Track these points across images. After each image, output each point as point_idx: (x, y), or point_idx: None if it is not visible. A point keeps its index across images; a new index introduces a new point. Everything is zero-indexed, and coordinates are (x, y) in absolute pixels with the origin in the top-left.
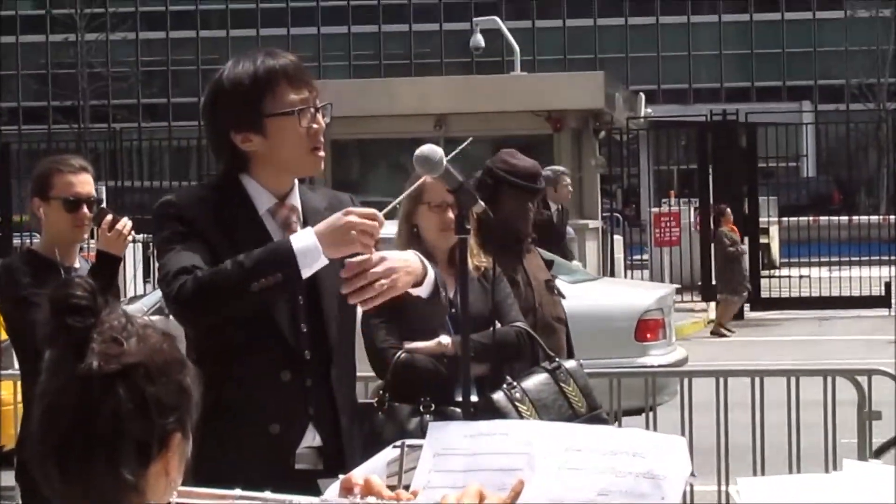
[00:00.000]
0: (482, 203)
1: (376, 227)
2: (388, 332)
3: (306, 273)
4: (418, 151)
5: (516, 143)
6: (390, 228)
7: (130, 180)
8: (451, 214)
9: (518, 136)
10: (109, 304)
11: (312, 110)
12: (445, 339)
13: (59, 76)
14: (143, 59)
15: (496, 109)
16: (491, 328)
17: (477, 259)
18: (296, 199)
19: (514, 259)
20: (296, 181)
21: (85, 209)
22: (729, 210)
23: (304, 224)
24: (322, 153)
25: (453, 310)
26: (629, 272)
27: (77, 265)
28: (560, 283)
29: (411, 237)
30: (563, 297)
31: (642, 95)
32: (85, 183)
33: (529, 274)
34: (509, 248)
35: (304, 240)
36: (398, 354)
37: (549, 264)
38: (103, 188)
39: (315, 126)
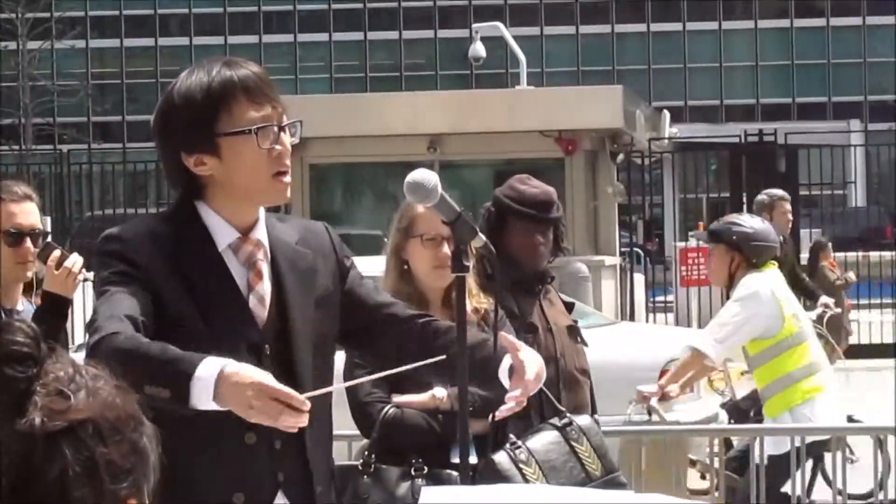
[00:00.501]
0: (482, 236)
1: (281, 417)
2: (373, 384)
3: (198, 405)
4: (409, 177)
5: (522, 168)
6: (375, 266)
7: (80, 210)
8: (446, 249)
9: (524, 160)
10: (55, 352)
11: (276, 129)
12: (440, 392)
13: None
14: (93, 70)
15: (499, 129)
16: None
17: (476, 300)
18: (261, 233)
19: (529, 301)
20: (262, 211)
21: (28, 243)
22: (830, 245)
23: (273, 261)
24: (287, 178)
25: None
26: (651, 315)
27: (20, 307)
28: None
29: (401, 275)
30: (587, 344)
31: (667, 113)
32: (29, 213)
33: (549, 318)
34: (524, 288)
35: (208, 371)
36: (386, 409)
37: (570, 307)
38: (49, 219)
39: (278, 148)
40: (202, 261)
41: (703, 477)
